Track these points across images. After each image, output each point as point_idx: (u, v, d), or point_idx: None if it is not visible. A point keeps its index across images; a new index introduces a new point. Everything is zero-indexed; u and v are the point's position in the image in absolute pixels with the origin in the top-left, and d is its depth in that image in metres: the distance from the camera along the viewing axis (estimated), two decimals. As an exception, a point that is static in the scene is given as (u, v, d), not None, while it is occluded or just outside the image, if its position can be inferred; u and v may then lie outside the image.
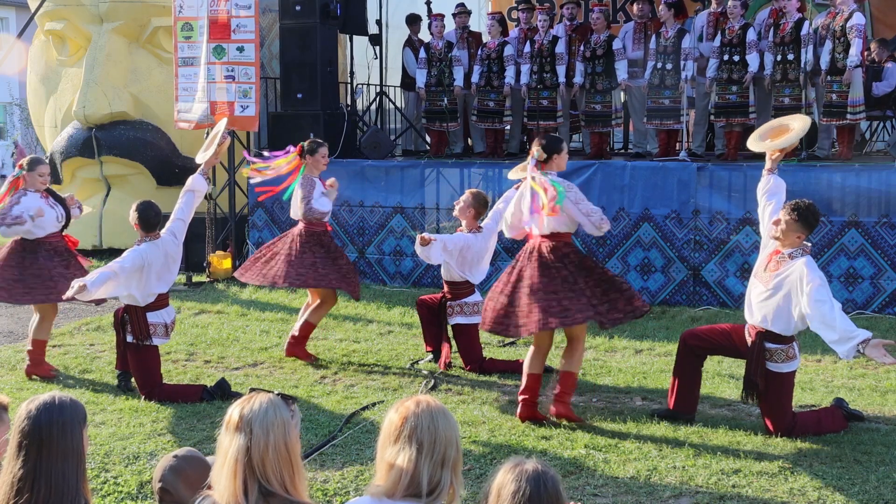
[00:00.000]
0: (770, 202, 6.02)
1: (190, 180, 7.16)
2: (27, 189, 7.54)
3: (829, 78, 9.71)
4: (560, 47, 11.15)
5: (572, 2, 11.73)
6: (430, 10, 12.63)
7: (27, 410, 2.91)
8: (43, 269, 7.41)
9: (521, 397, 6.28)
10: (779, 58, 9.94)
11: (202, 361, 7.92)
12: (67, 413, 2.92)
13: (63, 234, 7.72)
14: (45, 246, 7.50)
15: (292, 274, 7.67)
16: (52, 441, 2.86)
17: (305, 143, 8.04)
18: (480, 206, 7.60)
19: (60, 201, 7.70)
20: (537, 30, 11.37)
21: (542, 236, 6.18)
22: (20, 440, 2.87)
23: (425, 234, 7.20)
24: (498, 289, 6.25)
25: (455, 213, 7.71)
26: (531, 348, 6.35)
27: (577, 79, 11.00)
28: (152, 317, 6.80)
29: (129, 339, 6.81)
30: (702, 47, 10.62)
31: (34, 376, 7.46)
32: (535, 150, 6.22)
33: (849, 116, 9.74)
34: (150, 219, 6.81)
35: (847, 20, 9.50)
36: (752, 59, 10.06)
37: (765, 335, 5.81)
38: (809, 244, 5.87)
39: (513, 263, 6.30)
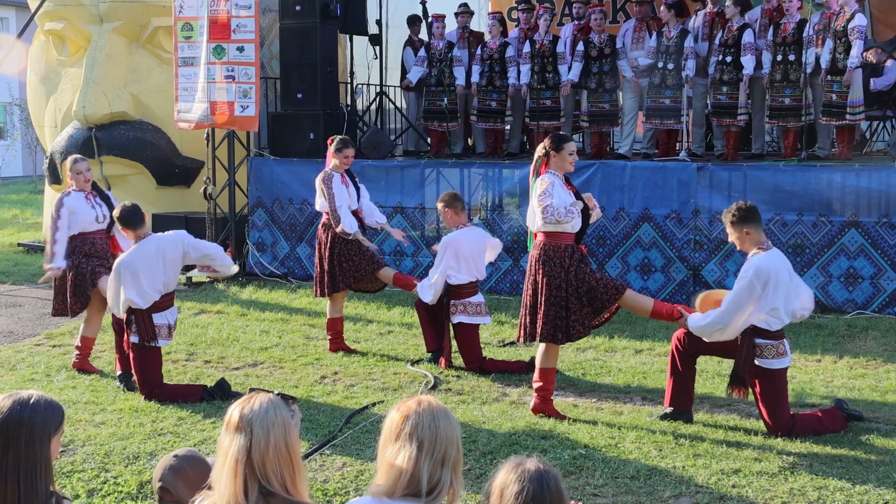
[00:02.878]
0: None
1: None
2: (72, 189, 7.69)
3: (829, 78, 9.71)
4: (561, 47, 11.15)
5: (581, 1, 11.70)
6: (425, 11, 12.62)
7: (0, 405, 2.83)
8: (86, 273, 7.53)
9: (536, 391, 6.41)
10: (779, 58, 9.94)
11: (202, 361, 7.92)
12: (39, 417, 2.82)
13: (110, 235, 7.73)
14: (86, 244, 7.56)
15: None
16: (20, 444, 2.78)
17: (336, 139, 8.23)
18: (453, 203, 7.63)
19: (106, 201, 7.74)
20: (537, 29, 11.36)
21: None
22: None
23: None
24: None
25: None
26: (541, 344, 6.39)
27: (572, 75, 10.98)
28: (158, 318, 6.79)
29: (135, 339, 6.79)
30: (698, 47, 10.62)
31: (81, 371, 7.62)
32: (539, 147, 6.36)
33: (848, 117, 9.73)
34: (129, 217, 6.78)
35: (849, 21, 9.50)
36: (748, 62, 10.06)
37: (754, 330, 5.84)
38: (767, 242, 5.92)
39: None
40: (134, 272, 6.68)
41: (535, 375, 6.42)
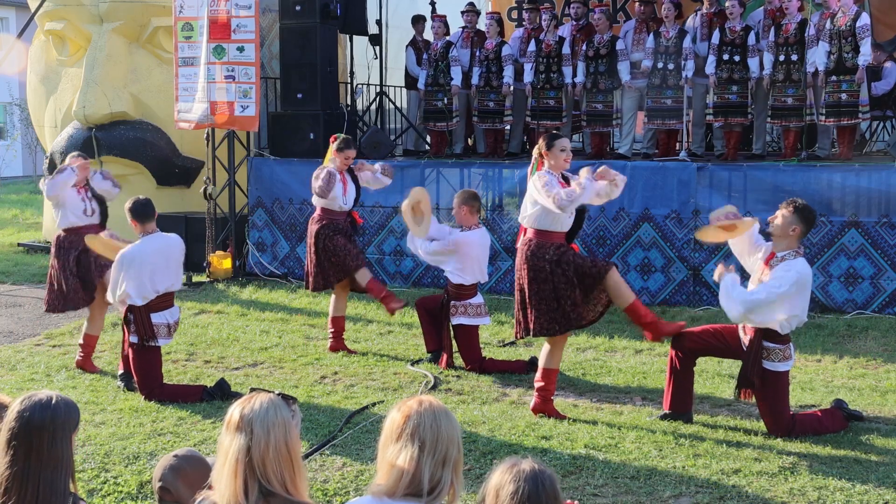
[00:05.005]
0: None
1: None
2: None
3: (834, 78, 9.69)
4: (566, 48, 11.15)
5: (579, 2, 11.70)
6: (434, 10, 12.63)
7: (20, 408, 2.83)
8: (82, 271, 7.55)
9: (537, 391, 6.38)
10: (781, 58, 9.93)
11: (202, 361, 7.92)
12: (61, 417, 2.84)
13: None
14: (80, 240, 7.51)
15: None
16: (42, 447, 2.80)
17: (339, 138, 8.21)
18: (471, 201, 7.61)
19: (98, 198, 7.76)
20: (542, 30, 11.37)
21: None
22: (9, 439, 2.80)
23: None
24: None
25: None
26: (545, 344, 6.38)
27: (579, 77, 11.00)
28: (156, 317, 6.79)
29: (134, 339, 6.80)
30: (697, 47, 10.62)
31: (83, 370, 7.63)
32: (535, 149, 6.37)
33: (860, 115, 9.74)
34: (139, 209, 6.80)
35: (854, 20, 9.51)
36: (754, 63, 10.06)
37: (764, 333, 5.83)
38: (802, 248, 5.88)
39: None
40: (136, 265, 6.69)
41: (538, 375, 6.42)
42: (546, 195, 6.08)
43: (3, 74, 17.76)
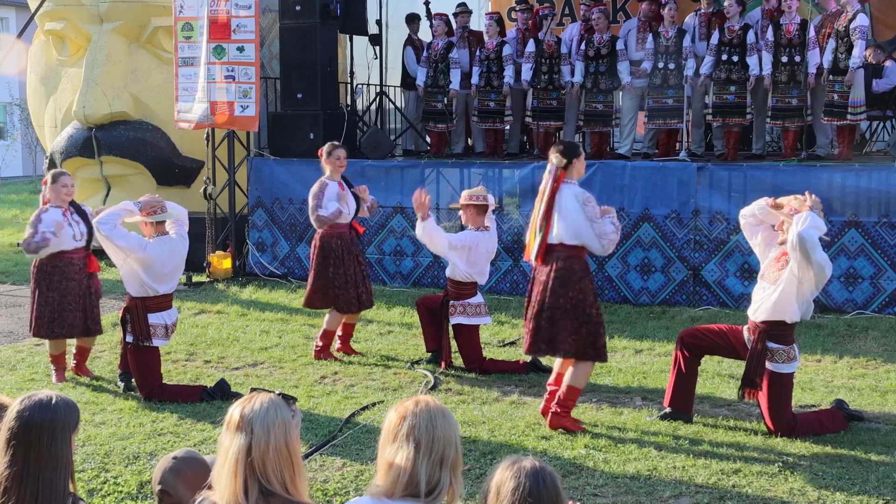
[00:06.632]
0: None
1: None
2: (50, 205, 7.24)
3: (830, 77, 9.71)
4: (564, 47, 11.15)
5: (587, 2, 11.70)
6: (428, 11, 12.64)
7: (20, 408, 2.84)
8: (65, 299, 7.22)
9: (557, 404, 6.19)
10: (785, 59, 9.92)
11: (202, 361, 7.92)
12: (61, 417, 2.84)
13: (88, 253, 7.38)
14: (62, 266, 7.22)
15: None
16: (42, 447, 2.80)
17: (325, 147, 8.09)
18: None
19: (83, 217, 7.32)
20: (535, 29, 11.36)
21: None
22: (8, 438, 2.81)
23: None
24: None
25: (462, 219, 7.73)
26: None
27: (577, 78, 10.99)
28: (153, 318, 6.80)
29: (129, 338, 6.81)
30: (696, 47, 10.63)
31: (78, 375, 7.55)
32: (554, 156, 6.10)
33: (849, 117, 9.75)
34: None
35: (851, 21, 9.51)
36: (753, 62, 10.06)
37: (768, 335, 5.82)
38: None
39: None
40: (146, 263, 6.69)
41: (562, 389, 6.13)
42: (604, 228, 5.97)
43: (3, 74, 17.75)
